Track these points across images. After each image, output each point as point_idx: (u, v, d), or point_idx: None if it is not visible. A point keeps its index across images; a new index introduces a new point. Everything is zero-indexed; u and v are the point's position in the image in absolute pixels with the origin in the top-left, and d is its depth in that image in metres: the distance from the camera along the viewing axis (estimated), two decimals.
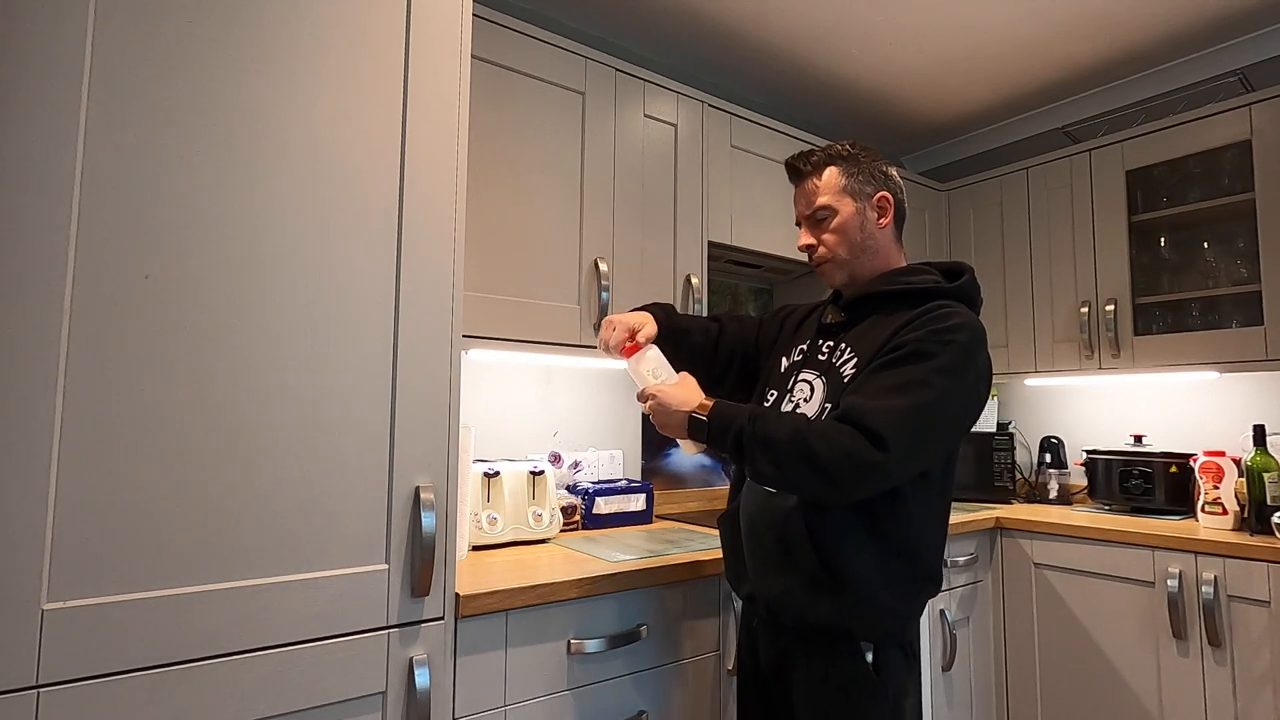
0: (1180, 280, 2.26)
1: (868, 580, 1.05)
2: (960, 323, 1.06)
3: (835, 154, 1.21)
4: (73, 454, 0.86)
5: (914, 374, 1.02)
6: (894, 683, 1.08)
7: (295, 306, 1.02)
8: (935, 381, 1.01)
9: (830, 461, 0.98)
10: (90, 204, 0.89)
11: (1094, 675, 1.95)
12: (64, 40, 0.88)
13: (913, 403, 0.99)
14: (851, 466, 0.97)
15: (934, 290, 1.13)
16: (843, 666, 1.07)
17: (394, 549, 1.07)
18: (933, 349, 1.03)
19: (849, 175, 1.20)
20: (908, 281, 1.16)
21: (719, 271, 2.31)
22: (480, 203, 1.53)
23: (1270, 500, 1.81)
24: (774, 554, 1.11)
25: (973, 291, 1.17)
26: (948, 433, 1.06)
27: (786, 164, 1.26)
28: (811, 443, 0.99)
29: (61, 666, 0.84)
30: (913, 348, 1.04)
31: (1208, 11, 2.02)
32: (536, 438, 1.95)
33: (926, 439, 1.02)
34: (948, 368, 1.02)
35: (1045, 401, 2.70)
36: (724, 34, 2.16)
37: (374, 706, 1.04)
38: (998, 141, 2.79)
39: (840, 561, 1.05)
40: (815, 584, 1.07)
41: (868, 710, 1.06)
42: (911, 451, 1.00)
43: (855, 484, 0.99)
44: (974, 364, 1.05)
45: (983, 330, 1.09)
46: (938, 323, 1.06)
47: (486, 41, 1.55)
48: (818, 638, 1.09)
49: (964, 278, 1.16)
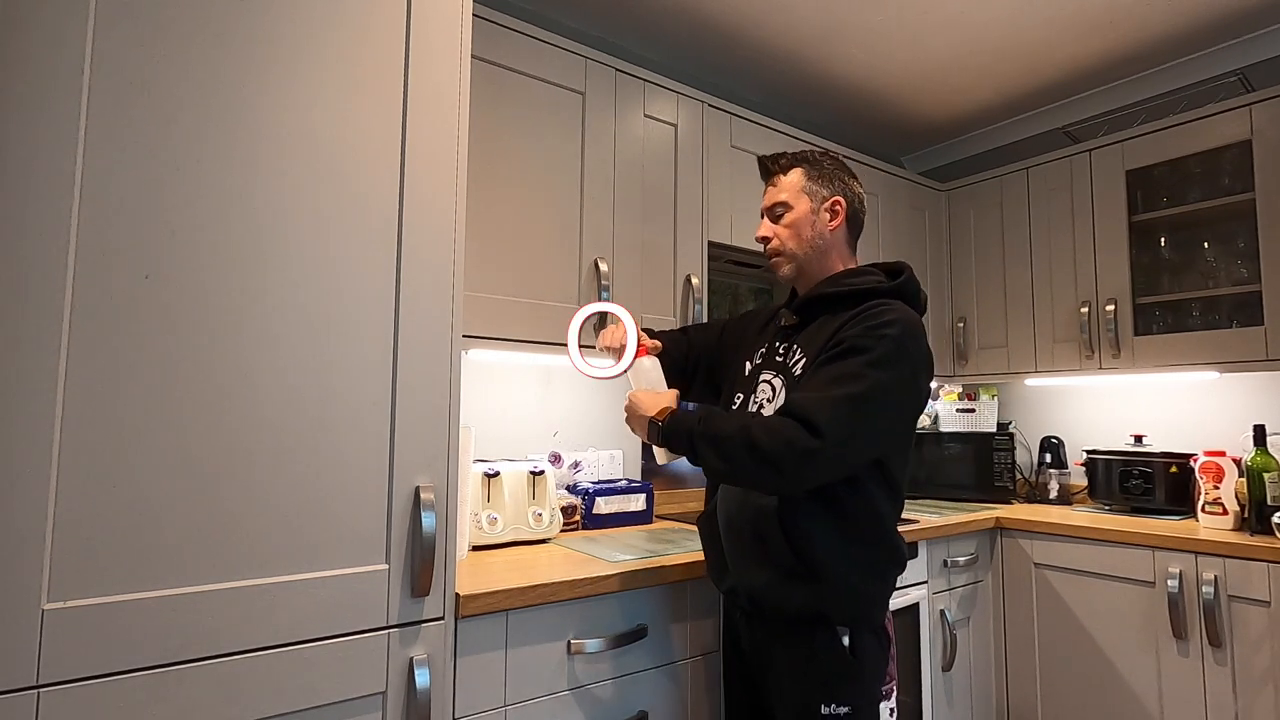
0: (1180, 280, 2.26)
1: (839, 567, 1.13)
2: (894, 318, 1.13)
3: (803, 157, 1.31)
4: (73, 454, 0.86)
5: (848, 367, 1.10)
6: (870, 665, 1.15)
7: (295, 306, 1.02)
8: (868, 373, 1.08)
9: (772, 451, 1.05)
10: (90, 204, 0.89)
11: (1094, 675, 1.95)
12: (65, 40, 0.88)
13: (845, 392, 1.07)
14: (792, 454, 1.04)
15: (874, 290, 1.21)
16: (820, 651, 1.14)
17: (394, 549, 1.07)
18: (867, 343, 1.11)
19: (810, 177, 1.29)
20: (850, 283, 1.24)
21: (719, 271, 2.31)
22: (480, 203, 1.53)
23: (1270, 500, 1.81)
24: (752, 548, 1.19)
25: (911, 289, 1.24)
26: (884, 419, 1.12)
27: (759, 161, 1.35)
28: (755, 435, 1.07)
29: (61, 666, 0.84)
30: (849, 344, 1.12)
31: (1208, 11, 2.02)
32: (536, 438, 1.95)
33: (860, 425, 1.08)
34: (880, 360, 1.09)
35: (1045, 401, 2.70)
36: (724, 34, 2.16)
37: (374, 706, 1.04)
38: (998, 141, 2.79)
39: (813, 551, 1.13)
40: (791, 574, 1.14)
41: (846, 691, 1.13)
42: (846, 437, 1.06)
43: (798, 470, 1.05)
44: (907, 355, 1.12)
45: (917, 323, 1.16)
46: (873, 319, 1.14)
47: (486, 41, 1.55)
48: (796, 625, 1.16)
49: (902, 276, 1.24)
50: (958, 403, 2.66)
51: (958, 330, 2.65)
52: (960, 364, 2.65)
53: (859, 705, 1.13)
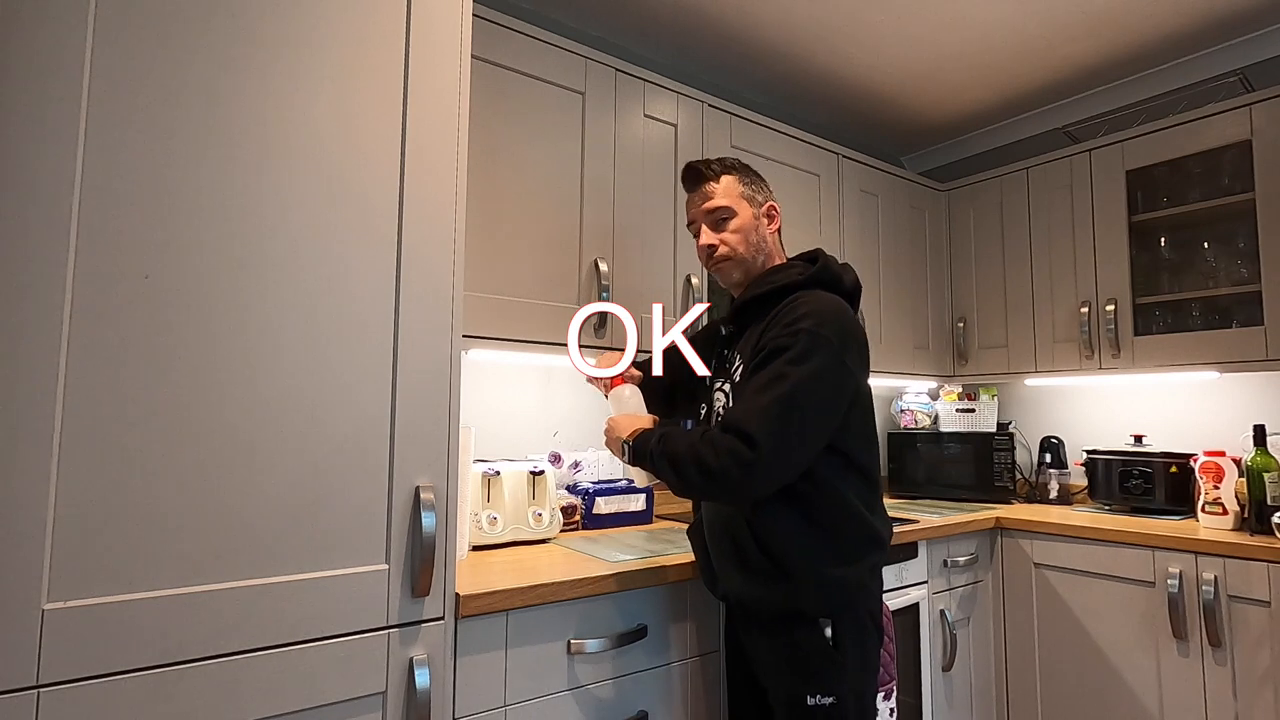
0: (1180, 280, 2.26)
1: (810, 561, 1.15)
2: (807, 310, 1.15)
3: (731, 165, 1.34)
4: (73, 454, 0.86)
5: (772, 371, 1.12)
6: (853, 653, 1.17)
7: (295, 306, 1.02)
8: (789, 371, 1.11)
9: (718, 467, 1.08)
10: (91, 204, 0.89)
11: (1094, 675, 1.95)
12: (65, 41, 0.88)
13: (771, 398, 1.09)
14: (735, 466, 1.07)
15: (792, 284, 1.24)
16: (801, 643, 1.16)
17: (394, 549, 1.07)
18: (784, 342, 1.13)
19: (744, 184, 1.33)
20: (773, 280, 1.27)
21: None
22: (480, 203, 1.53)
23: (1270, 500, 1.81)
24: (730, 553, 1.22)
25: (827, 276, 1.25)
26: (818, 411, 1.12)
27: (688, 167, 1.36)
28: (701, 453, 1.11)
29: (61, 666, 0.84)
30: (770, 348, 1.15)
31: (1208, 11, 2.02)
32: (536, 438, 1.95)
33: (794, 425, 1.09)
34: (799, 355, 1.11)
35: (1045, 401, 2.70)
36: (724, 34, 2.16)
37: (374, 706, 1.04)
38: (998, 141, 2.79)
39: (780, 549, 1.16)
40: (766, 575, 1.17)
41: (829, 681, 1.15)
42: (782, 441, 1.08)
43: (743, 482, 1.08)
44: (825, 342, 1.13)
45: (834, 306, 1.18)
46: (787, 316, 1.17)
47: (486, 41, 1.55)
48: (779, 622, 1.19)
49: (817, 264, 1.27)
50: (958, 403, 2.66)
51: (958, 330, 2.65)
52: (960, 364, 2.65)
53: (842, 695, 1.14)
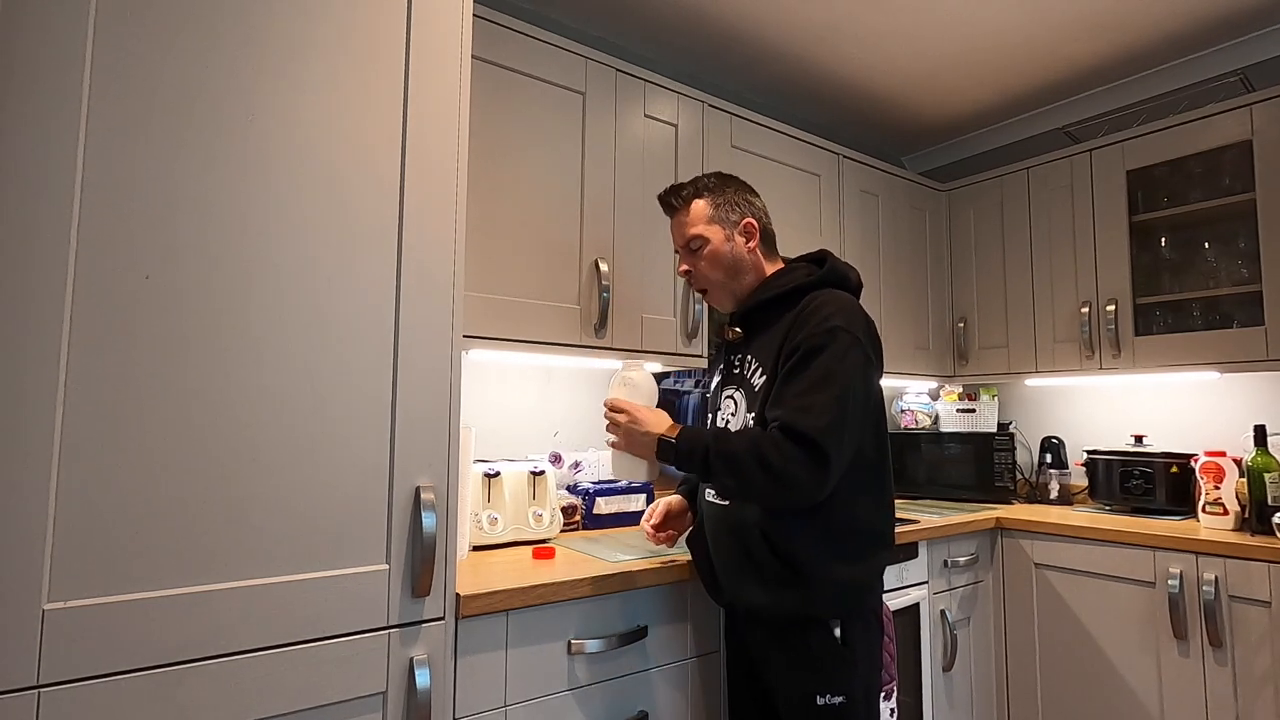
0: (1181, 280, 2.26)
1: (823, 564, 1.16)
2: (832, 310, 1.18)
3: (702, 186, 1.34)
4: (73, 454, 0.86)
5: (818, 370, 1.13)
6: (862, 652, 1.18)
7: (295, 306, 1.02)
8: (835, 368, 1.13)
9: (783, 468, 1.09)
10: (91, 204, 0.89)
11: (1094, 675, 1.95)
12: (65, 41, 0.88)
13: (829, 397, 1.11)
14: (803, 467, 1.09)
15: (804, 285, 1.25)
16: (815, 645, 1.17)
17: (394, 549, 1.07)
18: (821, 341, 1.14)
19: (715, 205, 1.32)
20: (782, 283, 1.28)
21: None
22: (480, 203, 1.53)
23: (1271, 500, 1.81)
24: (741, 563, 1.22)
25: (836, 276, 1.28)
26: (861, 408, 1.16)
27: (659, 199, 1.38)
28: (765, 453, 1.10)
29: (62, 666, 0.84)
30: (805, 346, 1.15)
31: (1208, 11, 2.02)
32: (537, 438, 1.95)
33: (849, 419, 1.12)
34: (838, 352, 1.14)
35: (1046, 401, 2.70)
36: (724, 34, 2.16)
37: (374, 706, 1.04)
38: (998, 141, 2.79)
39: (796, 556, 1.16)
40: (781, 581, 1.18)
41: (840, 680, 1.16)
42: (843, 439, 1.11)
43: (811, 483, 1.10)
44: (854, 338, 1.16)
45: (850, 303, 1.21)
46: (814, 315, 1.18)
47: (486, 41, 1.55)
48: (791, 625, 1.19)
49: (826, 264, 1.29)
50: (958, 403, 2.66)
51: (958, 330, 2.65)
52: (960, 364, 2.65)
53: (853, 694, 1.15)
